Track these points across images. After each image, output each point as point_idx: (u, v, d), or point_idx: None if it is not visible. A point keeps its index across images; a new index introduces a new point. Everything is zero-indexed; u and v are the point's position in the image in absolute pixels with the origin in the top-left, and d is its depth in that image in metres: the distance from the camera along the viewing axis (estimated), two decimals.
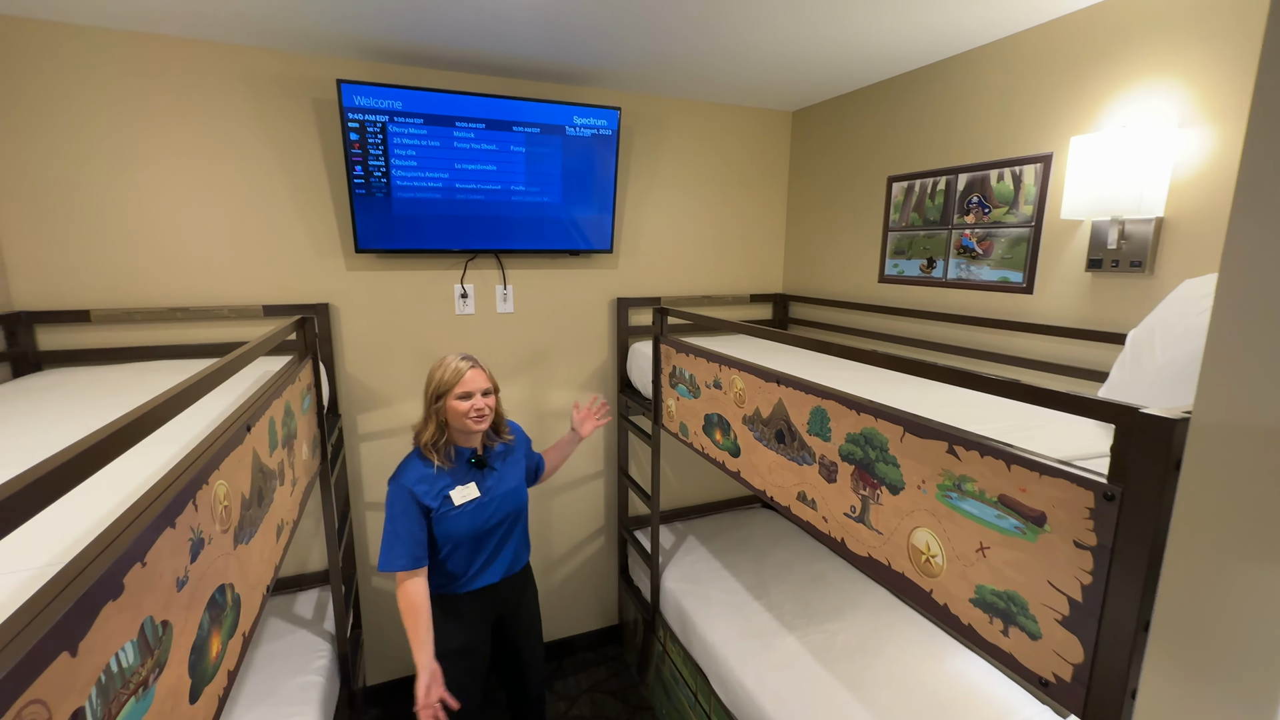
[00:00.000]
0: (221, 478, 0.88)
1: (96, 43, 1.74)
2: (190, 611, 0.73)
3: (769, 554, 2.50)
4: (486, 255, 2.29)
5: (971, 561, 0.96)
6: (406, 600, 1.52)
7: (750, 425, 1.58)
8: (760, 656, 1.88)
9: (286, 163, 1.99)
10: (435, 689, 1.50)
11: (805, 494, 1.37)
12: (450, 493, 1.59)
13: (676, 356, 1.99)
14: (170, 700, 0.67)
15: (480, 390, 1.58)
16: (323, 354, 2.10)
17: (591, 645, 2.82)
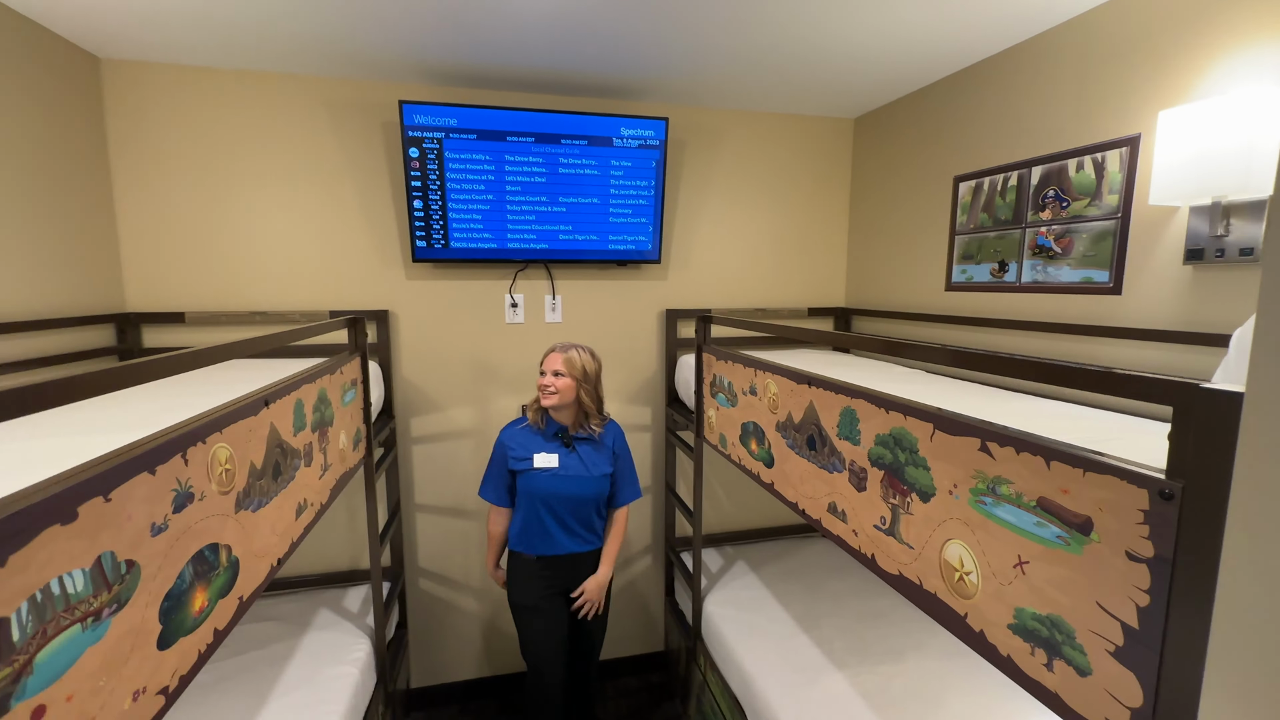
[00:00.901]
0: (224, 441, 0.92)
1: (199, 81, 1.98)
2: (167, 560, 0.76)
3: (823, 585, 2.31)
4: (536, 266, 2.35)
5: (1009, 579, 0.82)
6: (489, 530, 1.94)
7: (783, 432, 1.48)
8: (802, 692, 1.71)
9: (357, 180, 2.15)
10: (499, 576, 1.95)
11: (836, 505, 1.25)
12: (534, 454, 1.81)
13: (717, 365, 1.92)
14: (131, 639, 0.69)
15: (552, 370, 1.80)
16: (381, 358, 2.22)
17: (635, 670, 2.71)
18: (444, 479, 2.39)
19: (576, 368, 1.81)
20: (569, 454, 1.84)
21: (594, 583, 1.91)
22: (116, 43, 1.83)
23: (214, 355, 0.95)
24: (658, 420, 2.59)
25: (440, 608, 2.47)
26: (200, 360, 0.91)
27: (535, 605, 1.85)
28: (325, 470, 1.43)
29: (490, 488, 1.89)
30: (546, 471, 1.81)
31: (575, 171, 2.19)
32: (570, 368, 1.80)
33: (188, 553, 0.81)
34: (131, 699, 0.69)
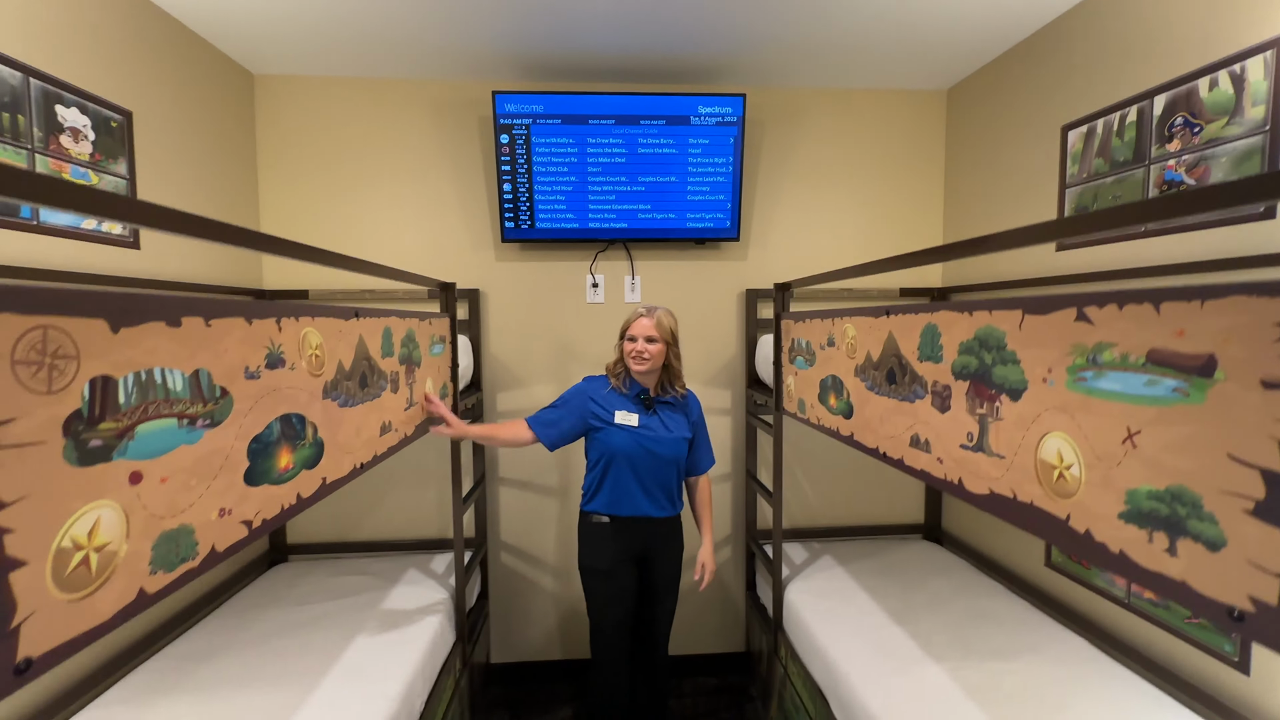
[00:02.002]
0: (315, 329, 1.02)
1: (328, 90, 2.28)
2: (257, 406, 0.84)
3: (923, 583, 2.09)
4: (616, 247, 2.42)
5: (1118, 459, 0.71)
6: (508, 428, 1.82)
7: (862, 375, 1.39)
8: (892, 681, 1.55)
9: (454, 172, 2.35)
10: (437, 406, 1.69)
11: (918, 436, 1.15)
12: (616, 410, 1.80)
13: (795, 328, 1.85)
14: (221, 459, 0.76)
15: (644, 336, 1.78)
16: (471, 334, 2.36)
17: (714, 669, 2.58)
18: (526, 455, 2.46)
19: (666, 331, 1.80)
20: (649, 415, 1.84)
21: (706, 554, 1.89)
22: (267, 59, 2.16)
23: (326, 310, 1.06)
24: (737, 404, 2.52)
25: (521, 584, 2.50)
26: (316, 310, 1.02)
27: (608, 570, 1.83)
28: (410, 405, 1.52)
29: (546, 420, 1.80)
30: (626, 429, 1.80)
31: (654, 151, 2.25)
32: (662, 332, 1.79)
33: (276, 410, 0.89)
34: (217, 514, 0.76)
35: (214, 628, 1.80)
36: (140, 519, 0.63)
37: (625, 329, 1.83)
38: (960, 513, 2.44)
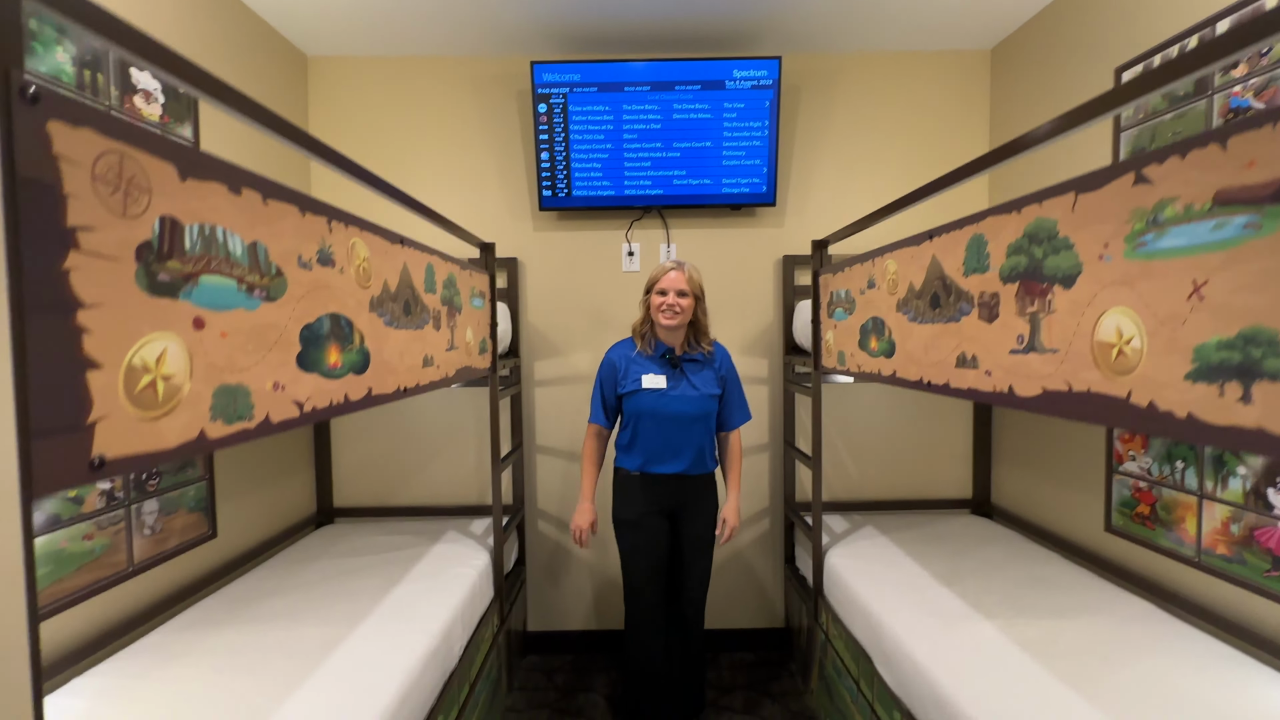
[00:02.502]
0: (363, 242, 1.05)
1: (376, 70, 2.38)
2: (308, 296, 0.88)
3: (971, 551, 2.01)
4: (652, 215, 2.43)
5: (1183, 319, 0.67)
6: (585, 449, 1.93)
7: (904, 308, 1.35)
8: (939, 636, 1.48)
9: (494, 144, 2.41)
10: (585, 521, 1.86)
11: (964, 354, 1.11)
12: (642, 375, 1.80)
13: (834, 280, 1.83)
14: (275, 334, 0.80)
15: (675, 290, 1.76)
16: (510, 302, 2.40)
17: (752, 645, 2.52)
18: (563, 422, 2.48)
19: (696, 285, 1.80)
20: (676, 375, 1.83)
21: (730, 510, 1.88)
22: (320, 40, 2.27)
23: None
24: (775, 372, 2.49)
25: (558, 553, 2.52)
26: (365, 225, 1.06)
27: (637, 521, 1.83)
28: (452, 348, 1.56)
29: (596, 408, 1.90)
30: (654, 391, 1.81)
31: (689, 117, 2.26)
32: (692, 286, 1.78)
33: (326, 306, 0.93)
34: (272, 386, 0.79)
35: (264, 575, 1.87)
36: (202, 364, 0.67)
37: (653, 283, 1.80)
38: (1012, 485, 2.34)
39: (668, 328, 1.80)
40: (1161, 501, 1.65)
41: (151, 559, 1.61)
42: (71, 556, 1.39)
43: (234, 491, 1.94)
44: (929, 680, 1.34)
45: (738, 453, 1.93)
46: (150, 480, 1.62)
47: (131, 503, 1.56)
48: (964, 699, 1.24)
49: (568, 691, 2.25)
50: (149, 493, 1.61)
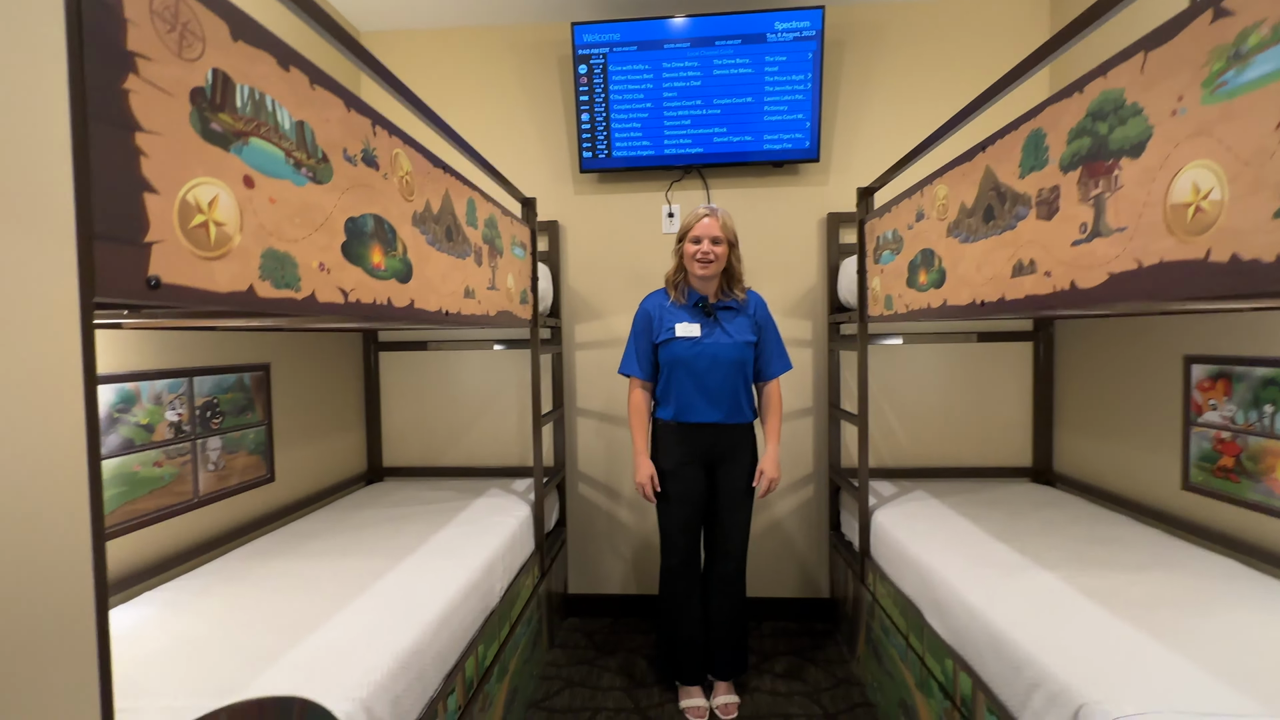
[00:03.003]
0: (405, 155, 1.08)
1: (422, 42, 2.45)
2: (351, 190, 0.90)
3: (1031, 513, 1.90)
4: (692, 176, 2.41)
5: (1271, 152, 0.61)
6: (631, 405, 1.87)
7: (956, 231, 1.29)
8: (996, 583, 1.40)
9: (536, 108, 2.45)
10: (644, 476, 1.82)
11: (1021, 261, 1.05)
12: (675, 323, 1.78)
13: (880, 224, 1.77)
14: (321, 216, 0.83)
15: (709, 237, 1.73)
16: (551, 265, 2.43)
17: (795, 614, 2.46)
18: (602, 385, 2.49)
19: (730, 231, 1.77)
20: (710, 323, 1.80)
21: (769, 462, 1.83)
22: (372, 15, 2.36)
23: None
24: (819, 334, 2.43)
25: (598, 516, 2.52)
26: (407, 139, 1.10)
27: (673, 470, 1.81)
28: (493, 287, 1.59)
29: (632, 361, 1.86)
30: (688, 340, 1.78)
31: (730, 72, 2.24)
32: (726, 232, 1.75)
33: (371, 205, 0.96)
34: (318, 265, 0.82)
35: (317, 519, 1.95)
36: (252, 223, 0.69)
37: (685, 231, 1.77)
38: (1076, 450, 2.20)
39: (702, 276, 1.77)
40: (1247, 451, 1.52)
41: (215, 493, 1.70)
42: (143, 480, 1.48)
43: (291, 441, 2.03)
44: (985, 624, 1.27)
45: (777, 403, 1.88)
46: (214, 418, 1.71)
47: (197, 437, 1.65)
48: (1024, 640, 1.16)
49: (607, 651, 2.25)
50: (213, 430, 1.70)
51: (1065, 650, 1.10)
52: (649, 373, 1.86)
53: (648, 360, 1.85)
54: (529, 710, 1.88)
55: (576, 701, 1.93)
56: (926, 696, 1.49)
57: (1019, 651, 1.15)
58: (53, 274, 0.49)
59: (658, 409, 1.86)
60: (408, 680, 1.13)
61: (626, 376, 1.88)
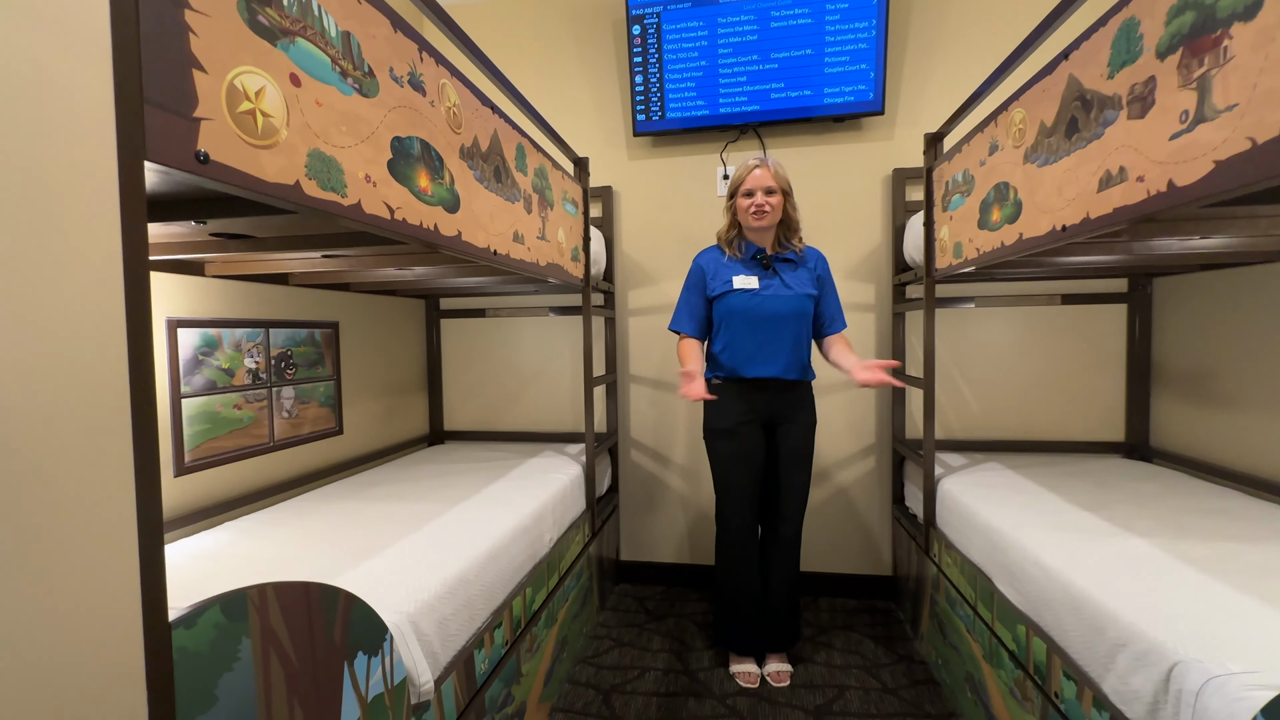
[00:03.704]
0: (452, 87, 1.10)
1: (477, 13, 2.50)
2: (400, 109, 0.92)
3: (1121, 484, 1.73)
4: (748, 135, 2.35)
5: None
6: (681, 350, 1.79)
7: (1033, 155, 1.18)
8: (1078, 547, 1.28)
9: (590, 74, 2.45)
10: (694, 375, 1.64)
11: (1109, 172, 0.94)
12: (733, 276, 1.73)
13: (949, 168, 1.65)
14: (367, 129, 0.85)
15: (762, 189, 1.67)
16: (605, 231, 2.43)
17: (855, 591, 2.36)
18: (656, 352, 2.47)
19: (784, 179, 1.70)
20: (769, 276, 1.74)
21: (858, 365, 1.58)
22: None
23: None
24: (882, 298, 2.31)
25: (650, 483, 2.51)
26: (455, 71, 1.11)
27: (731, 429, 1.75)
28: (543, 237, 1.60)
29: (684, 318, 1.80)
30: (746, 292, 1.73)
31: (788, 24, 2.16)
32: (780, 181, 1.68)
33: (417, 129, 0.97)
34: (364, 177, 0.84)
35: (381, 472, 2.04)
36: (299, 121, 0.72)
37: (737, 186, 1.71)
38: (1177, 422, 1.98)
39: (758, 229, 1.71)
40: None
41: (288, 439, 1.81)
42: (224, 420, 1.59)
43: (358, 398, 2.13)
44: (1064, 585, 1.16)
45: (847, 344, 1.76)
46: (288, 369, 1.82)
47: (273, 385, 1.76)
48: (1109, 599, 1.05)
49: (658, 617, 2.24)
50: (287, 379, 1.81)
51: (1157, 610, 0.98)
52: (699, 330, 1.81)
53: (699, 317, 1.80)
54: (578, 665, 1.90)
55: (625, 660, 1.93)
56: (995, 667, 1.38)
57: (1103, 611, 1.04)
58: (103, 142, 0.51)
59: (713, 368, 1.80)
60: (455, 605, 1.15)
61: (676, 334, 1.84)
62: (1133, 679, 0.94)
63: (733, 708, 1.68)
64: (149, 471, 0.53)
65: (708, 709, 1.68)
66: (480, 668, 1.21)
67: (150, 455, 0.54)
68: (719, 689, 1.77)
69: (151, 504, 0.53)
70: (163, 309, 1.43)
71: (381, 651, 0.89)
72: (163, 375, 1.43)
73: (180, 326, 1.48)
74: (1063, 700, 1.11)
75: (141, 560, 0.52)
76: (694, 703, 1.71)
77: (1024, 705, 1.25)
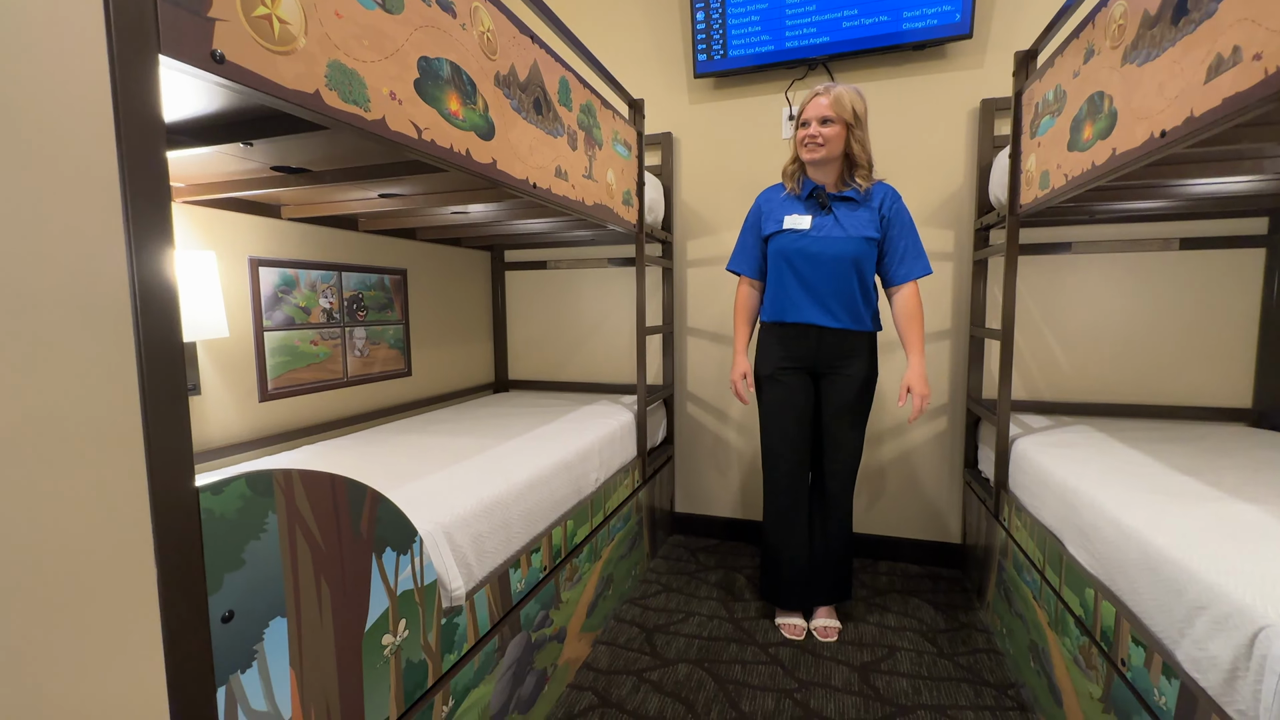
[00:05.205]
0: (485, 11, 1.09)
1: None
2: (426, 24, 0.93)
3: (1236, 451, 1.52)
4: (817, 71, 2.19)
5: None
6: (736, 302, 1.81)
7: (1133, 54, 1.02)
8: (1165, 508, 1.13)
9: (650, 15, 2.37)
10: (737, 374, 1.77)
11: (1220, 55, 0.80)
12: (785, 215, 1.66)
13: (1040, 86, 1.46)
14: (390, 45, 0.86)
15: (818, 118, 1.56)
16: (665, 179, 2.38)
17: (919, 556, 2.24)
18: (715, 304, 2.42)
19: (846, 108, 1.54)
20: (824, 215, 1.63)
21: (915, 377, 1.61)
22: None
23: None
24: (962, 245, 2.12)
25: (705, 436, 2.49)
26: None
27: (773, 375, 1.70)
28: (589, 176, 1.58)
29: (740, 257, 1.78)
30: (795, 232, 1.64)
31: None
32: (839, 109, 1.54)
33: (447, 51, 0.98)
34: (389, 93, 0.86)
35: (445, 412, 2.15)
36: (317, 31, 0.74)
37: (799, 115, 1.62)
38: None
39: (812, 162, 1.60)
40: None
41: (360, 376, 1.94)
42: (302, 354, 1.73)
43: (427, 344, 2.25)
44: (1141, 546, 1.04)
45: (916, 311, 1.64)
46: (359, 311, 1.94)
47: (346, 325, 1.89)
48: (1191, 560, 0.92)
49: (708, 567, 2.24)
50: (359, 321, 1.94)
51: (1246, 572, 0.85)
52: (756, 270, 1.76)
53: (755, 256, 1.75)
54: (624, 604, 1.95)
55: (672, 604, 1.96)
56: (1060, 635, 1.27)
57: (1182, 572, 0.92)
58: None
59: (764, 309, 1.75)
60: (491, 524, 1.20)
61: (734, 274, 1.80)
62: (1210, 644, 0.83)
63: (774, 656, 1.67)
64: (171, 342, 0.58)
65: (749, 655, 1.67)
66: (516, 587, 1.27)
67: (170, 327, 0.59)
68: (762, 638, 1.76)
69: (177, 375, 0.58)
70: (245, 247, 1.57)
71: (411, 551, 0.95)
72: (246, 309, 1.58)
73: (261, 265, 1.61)
74: (1129, 668, 1.00)
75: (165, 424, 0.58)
76: (735, 648, 1.71)
77: (1088, 674, 1.14)
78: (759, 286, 1.79)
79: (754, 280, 1.78)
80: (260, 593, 0.69)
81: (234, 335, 1.54)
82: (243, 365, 1.56)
